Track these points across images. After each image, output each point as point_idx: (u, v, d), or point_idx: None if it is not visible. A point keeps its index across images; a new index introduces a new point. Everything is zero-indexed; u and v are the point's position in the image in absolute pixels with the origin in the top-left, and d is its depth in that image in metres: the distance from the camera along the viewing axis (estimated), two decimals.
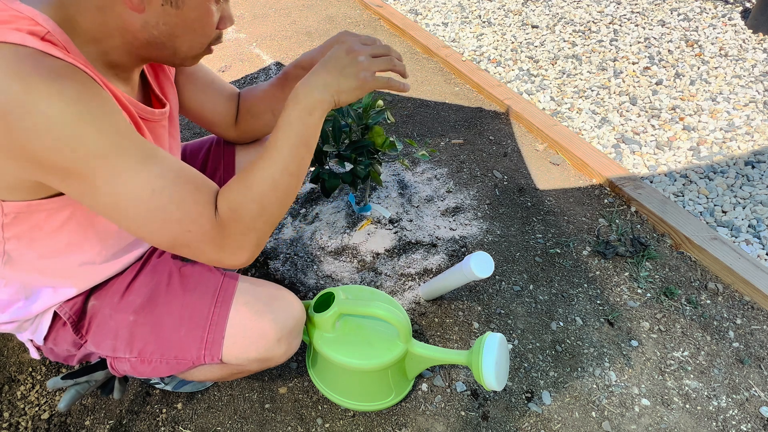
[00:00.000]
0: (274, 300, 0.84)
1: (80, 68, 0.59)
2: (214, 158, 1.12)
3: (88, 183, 0.60)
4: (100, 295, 0.84)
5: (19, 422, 1.06)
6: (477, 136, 1.97)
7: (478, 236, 1.52)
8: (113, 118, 0.60)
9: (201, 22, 0.68)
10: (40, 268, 0.76)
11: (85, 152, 0.58)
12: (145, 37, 0.66)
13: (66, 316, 0.81)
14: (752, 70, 2.26)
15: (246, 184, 0.68)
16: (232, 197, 0.67)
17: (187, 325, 0.81)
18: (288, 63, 2.48)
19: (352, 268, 1.41)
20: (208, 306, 0.81)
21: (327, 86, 0.71)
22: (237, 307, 0.81)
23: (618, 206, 1.63)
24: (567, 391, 1.14)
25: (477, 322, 1.28)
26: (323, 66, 0.72)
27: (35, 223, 0.69)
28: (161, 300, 0.83)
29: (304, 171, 0.72)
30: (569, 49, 2.51)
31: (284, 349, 0.84)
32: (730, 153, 1.82)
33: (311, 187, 1.68)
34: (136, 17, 0.64)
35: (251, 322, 0.81)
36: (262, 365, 0.86)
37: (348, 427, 1.06)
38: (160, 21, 0.65)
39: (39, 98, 0.54)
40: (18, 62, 0.54)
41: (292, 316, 0.85)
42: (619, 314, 1.30)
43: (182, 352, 0.81)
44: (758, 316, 1.29)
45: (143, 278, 0.85)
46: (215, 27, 0.71)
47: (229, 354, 0.81)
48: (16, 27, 0.57)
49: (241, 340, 0.81)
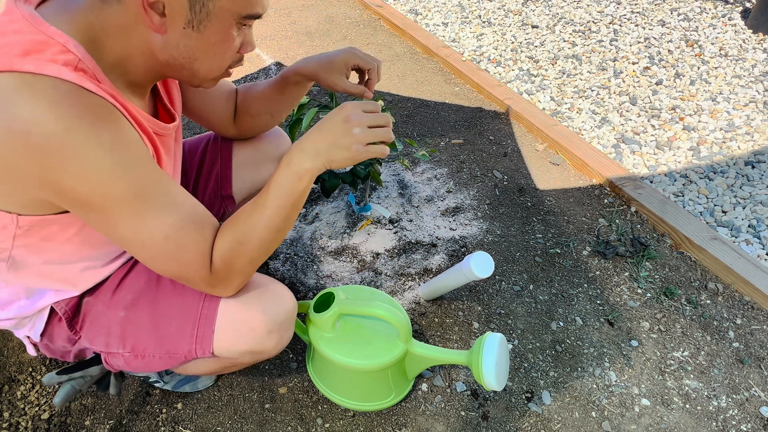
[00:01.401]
0: (264, 292, 0.84)
1: (109, 101, 0.61)
2: (211, 154, 1.13)
3: (109, 219, 0.64)
4: (93, 291, 0.85)
5: (19, 422, 1.06)
6: (477, 136, 1.97)
7: (478, 236, 1.52)
8: (143, 164, 0.64)
9: (222, 46, 0.68)
10: (43, 273, 0.76)
11: (114, 197, 0.62)
12: (165, 57, 0.67)
13: (62, 312, 0.82)
14: (752, 70, 2.26)
15: (236, 239, 0.73)
16: (225, 252, 0.73)
17: (177, 320, 0.81)
18: (288, 63, 2.48)
19: (352, 268, 1.41)
20: (197, 300, 0.82)
21: (318, 155, 0.72)
22: (226, 301, 0.81)
23: (618, 206, 1.63)
24: (567, 391, 1.14)
25: (477, 322, 1.28)
26: (318, 132, 0.74)
27: (46, 235, 0.70)
28: (152, 296, 0.83)
29: (289, 227, 0.77)
30: (569, 49, 2.51)
31: (275, 342, 0.84)
32: (730, 153, 1.82)
33: (311, 187, 1.68)
34: (158, 38, 0.65)
35: (241, 315, 0.81)
36: (254, 358, 0.86)
37: (348, 427, 1.06)
38: (181, 43, 0.66)
39: (78, 141, 0.57)
40: (58, 99, 0.56)
41: (283, 308, 0.84)
42: (619, 314, 1.30)
43: (174, 346, 0.82)
44: (758, 316, 1.29)
45: (134, 275, 0.86)
46: (236, 52, 0.71)
47: (220, 347, 0.81)
48: (51, 57, 0.58)
49: (231, 333, 0.81)
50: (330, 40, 2.73)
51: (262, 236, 0.74)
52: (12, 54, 0.56)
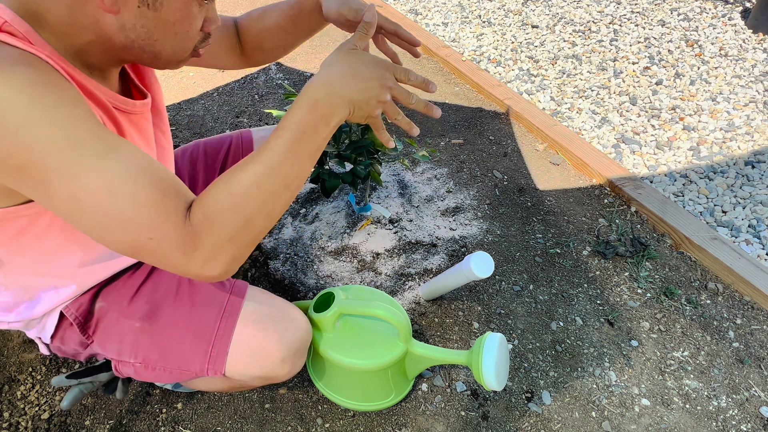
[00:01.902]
0: (282, 319, 0.83)
1: (41, 58, 0.55)
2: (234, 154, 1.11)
3: (41, 180, 0.54)
4: (108, 297, 0.84)
5: (19, 422, 1.06)
6: (477, 136, 1.97)
7: (478, 236, 1.52)
8: (72, 108, 0.54)
9: (182, 24, 0.63)
10: (37, 272, 0.75)
11: (37, 145, 0.52)
12: (121, 40, 0.62)
13: (72, 317, 0.81)
14: (752, 70, 2.26)
15: (226, 187, 0.59)
16: (208, 203, 0.59)
17: (192, 338, 0.81)
18: (287, 62, 2.48)
19: (352, 268, 1.41)
20: (214, 320, 0.81)
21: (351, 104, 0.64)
22: (243, 323, 0.81)
23: (618, 206, 1.63)
24: (567, 391, 1.14)
25: (477, 322, 1.28)
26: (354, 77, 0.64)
27: (19, 230, 0.67)
28: (168, 309, 0.82)
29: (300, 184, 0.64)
30: (569, 49, 2.51)
31: (288, 369, 0.84)
32: (730, 153, 1.82)
33: (311, 187, 1.68)
34: (112, 19, 0.60)
35: (256, 341, 0.80)
36: (264, 382, 0.86)
37: (348, 427, 1.06)
38: (138, 24, 0.60)
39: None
40: None
41: (298, 336, 0.84)
42: (619, 314, 1.30)
43: (186, 363, 0.81)
44: (758, 316, 1.29)
45: (151, 284, 0.85)
46: (199, 29, 0.66)
47: (233, 370, 0.81)
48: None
49: (246, 357, 0.80)
50: (330, 39, 2.73)
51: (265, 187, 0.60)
52: None
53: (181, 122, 2.05)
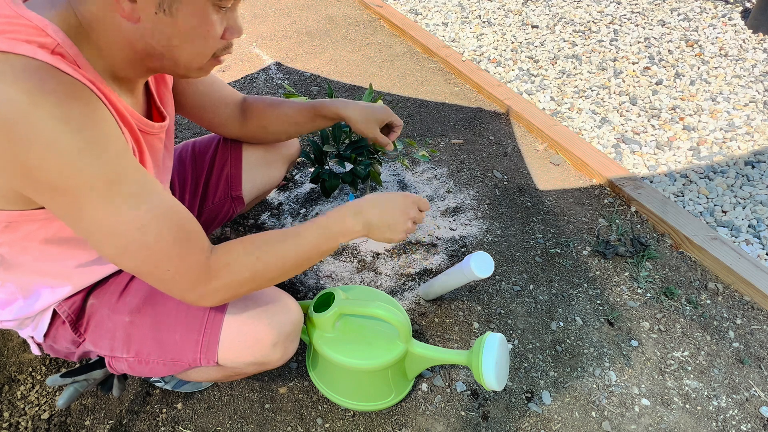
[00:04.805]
0: (271, 304, 0.83)
1: (87, 86, 0.59)
2: (222, 154, 1.14)
3: (76, 207, 0.60)
4: (98, 294, 0.84)
5: (19, 422, 1.06)
6: (477, 136, 1.97)
7: (478, 236, 1.52)
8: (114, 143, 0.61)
9: (199, 31, 0.65)
10: (36, 270, 0.76)
11: (80, 180, 0.58)
12: (143, 47, 0.64)
13: (65, 315, 0.82)
14: (752, 70, 2.26)
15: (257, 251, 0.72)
16: (237, 257, 0.71)
17: (182, 328, 0.81)
18: (288, 63, 2.48)
19: (352, 268, 1.41)
20: (203, 309, 0.81)
21: (368, 226, 0.83)
22: (233, 310, 0.81)
23: (618, 206, 1.63)
24: (567, 391, 1.14)
25: (477, 322, 1.28)
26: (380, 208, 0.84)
27: (27, 233, 0.69)
28: (158, 301, 0.83)
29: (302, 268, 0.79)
30: (569, 49, 2.51)
31: (280, 354, 0.84)
32: (730, 153, 1.82)
33: (311, 187, 1.68)
34: (133, 28, 0.62)
35: (247, 326, 0.80)
36: (258, 369, 0.86)
37: (348, 427, 1.06)
38: (156, 30, 0.63)
39: (44, 117, 0.54)
40: (26, 76, 0.54)
41: (290, 320, 0.84)
42: (619, 314, 1.30)
43: (178, 354, 0.81)
44: (758, 316, 1.29)
45: (140, 279, 0.85)
46: (219, 37, 0.67)
47: (225, 357, 0.81)
48: (26, 38, 0.56)
49: (237, 344, 0.80)
50: (330, 39, 2.73)
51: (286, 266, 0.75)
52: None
53: (181, 122, 2.05)
